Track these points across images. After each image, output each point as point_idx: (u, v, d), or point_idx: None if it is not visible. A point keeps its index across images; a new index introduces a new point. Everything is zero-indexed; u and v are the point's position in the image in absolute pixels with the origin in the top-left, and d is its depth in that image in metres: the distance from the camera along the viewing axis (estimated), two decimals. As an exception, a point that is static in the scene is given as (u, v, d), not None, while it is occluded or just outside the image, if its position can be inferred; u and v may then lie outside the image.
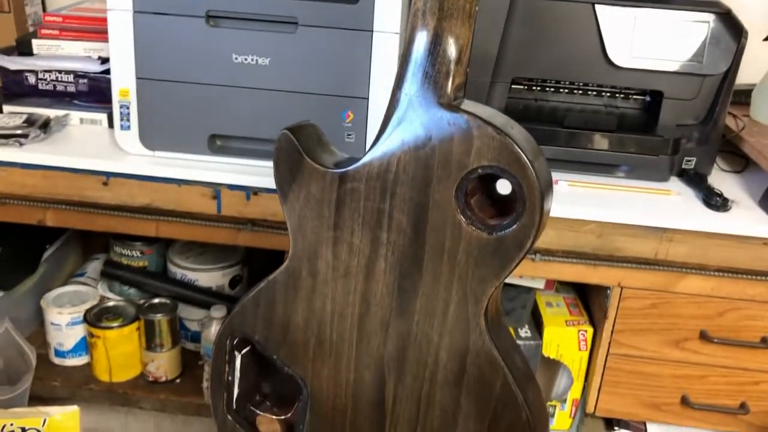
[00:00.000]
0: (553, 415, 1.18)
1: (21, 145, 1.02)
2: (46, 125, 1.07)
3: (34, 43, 1.15)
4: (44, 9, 1.43)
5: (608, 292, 1.04)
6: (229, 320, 0.76)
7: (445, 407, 0.69)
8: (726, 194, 0.99)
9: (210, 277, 1.26)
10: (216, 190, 1.01)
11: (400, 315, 0.69)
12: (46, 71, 1.13)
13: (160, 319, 1.18)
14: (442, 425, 0.69)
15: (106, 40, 1.00)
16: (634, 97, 1.10)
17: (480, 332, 0.65)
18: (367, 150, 0.66)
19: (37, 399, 1.13)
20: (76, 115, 1.12)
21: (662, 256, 0.99)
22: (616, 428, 1.19)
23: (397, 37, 0.92)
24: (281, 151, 0.68)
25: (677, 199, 1.01)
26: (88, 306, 1.21)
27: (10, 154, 1.02)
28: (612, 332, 1.07)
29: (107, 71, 1.08)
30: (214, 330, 1.14)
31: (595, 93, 1.10)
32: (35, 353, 1.09)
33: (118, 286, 1.28)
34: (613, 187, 1.03)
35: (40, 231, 1.24)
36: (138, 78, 0.98)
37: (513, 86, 1.08)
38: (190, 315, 1.26)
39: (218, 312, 1.15)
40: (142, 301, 1.22)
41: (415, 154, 0.63)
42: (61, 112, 1.11)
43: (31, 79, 1.14)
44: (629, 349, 1.07)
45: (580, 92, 1.10)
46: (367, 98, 0.95)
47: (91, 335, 1.19)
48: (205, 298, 1.24)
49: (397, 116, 0.64)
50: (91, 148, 1.05)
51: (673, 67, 1.01)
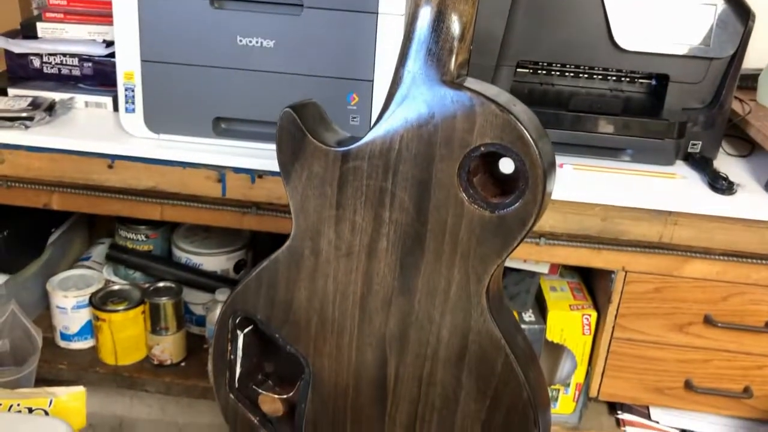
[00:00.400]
0: (556, 399, 1.18)
1: (26, 127, 1.03)
2: (51, 108, 1.07)
3: (39, 26, 1.15)
4: (49, -7, 1.43)
5: (612, 276, 1.04)
6: (232, 299, 0.77)
7: (447, 386, 0.69)
8: (731, 178, 0.98)
9: (215, 261, 1.26)
10: (221, 173, 1.01)
11: (402, 294, 0.69)
12: (51, 55, 1.14)
13: (165, 302, 1.18)
14: (444, 404, 0.69)
15: (110, 24, 1.01)
16: (640, 80, 1.10)
17: (481, 311, 0.65)
18: (369, 128, 0.66)
19: (43, 381, 1.14)
20: (81, 99, 1.12)
21: (667, 239, 0.98)
22: (620, 412, 1.19)
23: (402, 19, 0.91)
24: (284, 130, 0.68)
25: (682, 182, 1.01)
26: (93, 290, 1.22)
27: (15, 137, 1.02)
28: (616, 316, 1.07)
29: (112, 55, 1.08)
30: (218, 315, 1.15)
31: (600, 77, 1.09)
32: (41, 335, 1.09)
33: (123, 270, 1.29)
34: (619, 171, 1.02)
35: (45, 215, 1.24)
36: (143, 61, 0.98)
37: (518, 70, 1.08)
38: (195, 299, 1.27)
39: (223, 295, 1.16)
40: (147, 285, 1.23)
41: (417, 132, 0.63)
42: (66, 96, 1.11)
43: (36, 63, 1.14)
44: (633, 333, 1.07)
45: (586, 76, 1.10)
46: (372, 80, 0.95)
47: (97, 318, 1.20)
48: (209, 282, 1.24)
49: (400, 94, 0.63)
50: (96, 131, 1.05)
51: (680, 50, 1.00)
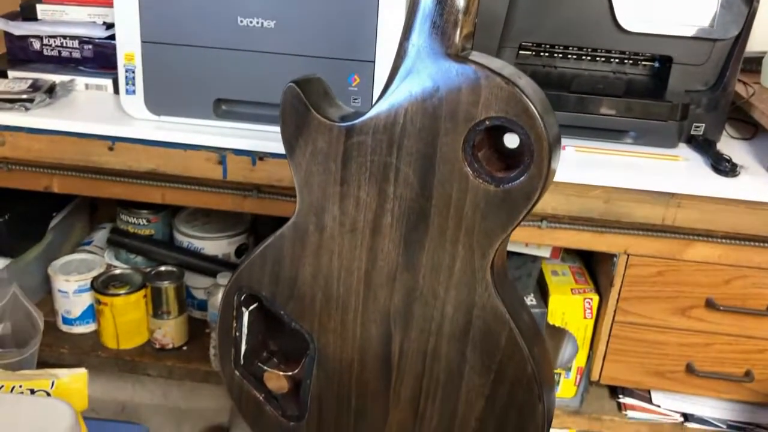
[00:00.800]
0: (558, 384, 1.18)
1: (26, 109, 1.02)
2: (51, 90, 1.06)
3: (39, 8, 1.14)
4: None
5: (614, 259, 1.04)
6: (237, 276, 0.77)
7: (451, 360, 0.69)
8: (735, 160, 0.98)
9: (216, 246, 1.26)
10: (221, 155, 1.01)
11: (406, 269, 0.69)
12: (51, 37, 1.13)
13: (167, 286, 1.18)
14: (448, 378, 0.69)
15: (110, 5, 1.00)
16: (643, 63, 1.09)
17: (486, 286, 0.65)
18: (373, 103, 0.66)
19: (46, 365, 1.14)
20: (81, 81, 1.12)
21: (669, 221, 0.98)
22: (621, 396, 1.19)
23: (403, 1, 0.91)
24: (287, 104, 0.68)
25: (685, 164, 1.00)
26: (95, 274, 1.22)
27: (15, 119, 1.02)
28: (618, 300, 1.07)
29: (112, 37, 1.07)
30: (221, 297, 1.14)
31: (603, 59, 1.09)
32: (43, 317, 1.09)
33: (125, 254, 1.29)
34: (621, 153, 1.02)
35: (46, 199, 1.24)
36: (143, 42, 0.97)
37: (520, 52, 1.07)
38: (197, 283, 1.27)
39: (225, 279, 1.16)
40: (149, 269, 1.23)
41: (422, 106, 0.63)
42: (66, 78, 1.11)
43: (36, 45, 1.14)
44: (635, 317, 1.07)
45: (589, 58, 1.09)
46: (374, 62, 0.94)
47: (99, 302, 1.20)
48: (211, 266, 1.24)
49: (405, 68, 0.63)
50: (97, 113, 1.05)
51: (683, 31, 1.00)
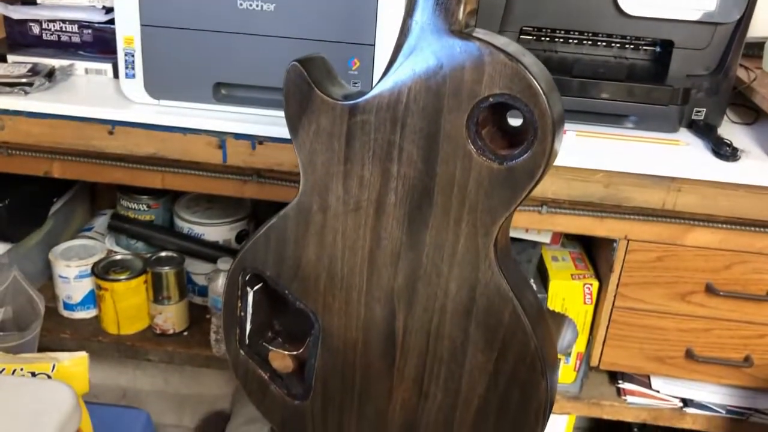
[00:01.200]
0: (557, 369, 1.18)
1: (26, 93, 1.02)
2: (50, 75, 1.06)
3: (38, -8, 1.14)
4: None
5: (615, 244, 1.04)
6: (241, 256, 0.77)
7: (455, 338, 0.69)
8: (736, 145, 0.98)
9: (217, 232, 1.26)
10: (221, 140, 1.01)
11: (410, 248, 0.69)
12: (51, 21, 1.12)
13: (168, 271, 1.18)
14: (452, 356, 0.70)
15: (110, -11, 1.00)
16: (644, 47, 1.09)
17: (489, 263, 0.65)
18: (376, 82, 0.66)
19: (47, 351, 1.14)
20: (80, 65, 1.11)
21: (670, 206, 0.98)
22: (620, 381, 1.20)
23: (404, -17, 0.90)
24: (290, 83, 0.68)
25: (686, 149, 1.01)
26: (95, 259, 1.22)
27: (15, 103, 1.01)
28: (617, 285, 1.07)
29: (111, 21, 1.07)
30: (221, 282, 1.15)
31: (604, 44, 1.09)
32: (44, 300, 1.09)
33: (125, 240, 1.29)
34: (622, 138, 1.02)
35: (47, 185, 1.24)
36: (143, 25, 0.97)
37: (521, 36, 1.07)
38: (197, 269, 1.27)
39: (225, 264, 1.16)
40: (150, 255, 1.23)
41: (425, 84, 0.63)
42: (65, 62, 1.10)
43: (35, 30, 1.13)
44: (634, 302, 1.07)
45: (590, 43, 1.09)
46: (374, 45, 0.94)
47: (99, 288, 1.20)
48: (212, 252, 1.24)
49: (408, 45, 0.63)
50: (96, 97, 1.04)
51: (685, 15, 0.99)
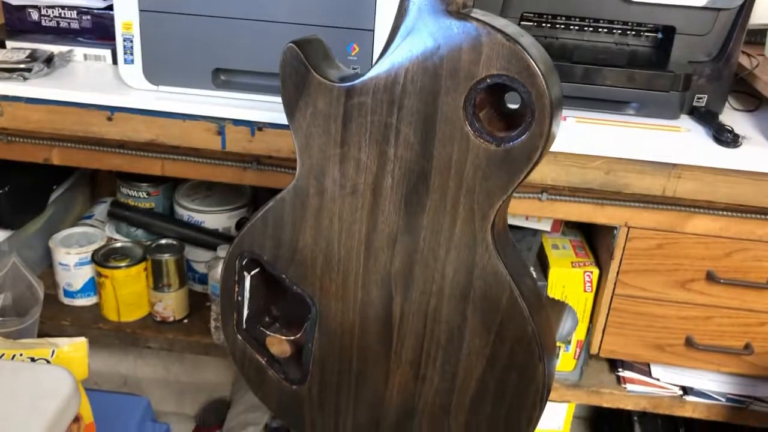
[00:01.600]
0: (557, 357, 1.18)
1: (25, 79, 1.02)
2: (49, 60, 1.06)
3: (37, -22, 1.13)
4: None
5: (615, 232, 1.04)
6: (238, 240, 0.77)
7: (452, 322, 0.69)
8: (737, 131, 0.98)
9: (216, 219, 1.26)
10: (220, 126, 1.01)
11: (406, 231, 0.68)
12: (49, 7, 1.12)
13: (168, 259, 1.18)
14: (449, 340, 0.69)
15: (108, -26, 0.99)
16: (646, 34, 1.08)
17: (486, 247, 0.65)
18: (373, 63, 0.65)
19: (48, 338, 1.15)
20: (79, 51, 1.11)
21: (670, 193, 0.98)
22: (620, 369, 1.20)
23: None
24: (287, 65, 0.67)
25: (687, 135, 1.00)
26: (95, 247, 1.22)
27: (14, 88, 1.01)
28: (618, 273, 1.06)
29: (110, 8, 1.06)
30: (222, 268, 1.15)
31: (606, 30, 1.08)
32: (43, 286, 1.10)
33: (126, 228, 1.29)
34: (623, 124, 1.01)
35: (47, 172, 1.24)
36: (141, 10, 0.97)
37: (522, 22, 1.06)
38: (197, 257, 1.27)
39: (225, 252, 1.15)
40: (149, 242, 1.23)
41: (422, 65, 0.62)
42: (64, 48, 1.10)
43: (34, 16, 1.13)
44: (634, 290, 1.07)
45: (591, 29, 1.08)
46: (373, 30, 0.94)
47: (99, 275, 1.20)
48: (211, 239, 1.24)
49: (405, 26, 0.62)
50: (95, 83, 1.04)
51: (687, 1, 0.99)
